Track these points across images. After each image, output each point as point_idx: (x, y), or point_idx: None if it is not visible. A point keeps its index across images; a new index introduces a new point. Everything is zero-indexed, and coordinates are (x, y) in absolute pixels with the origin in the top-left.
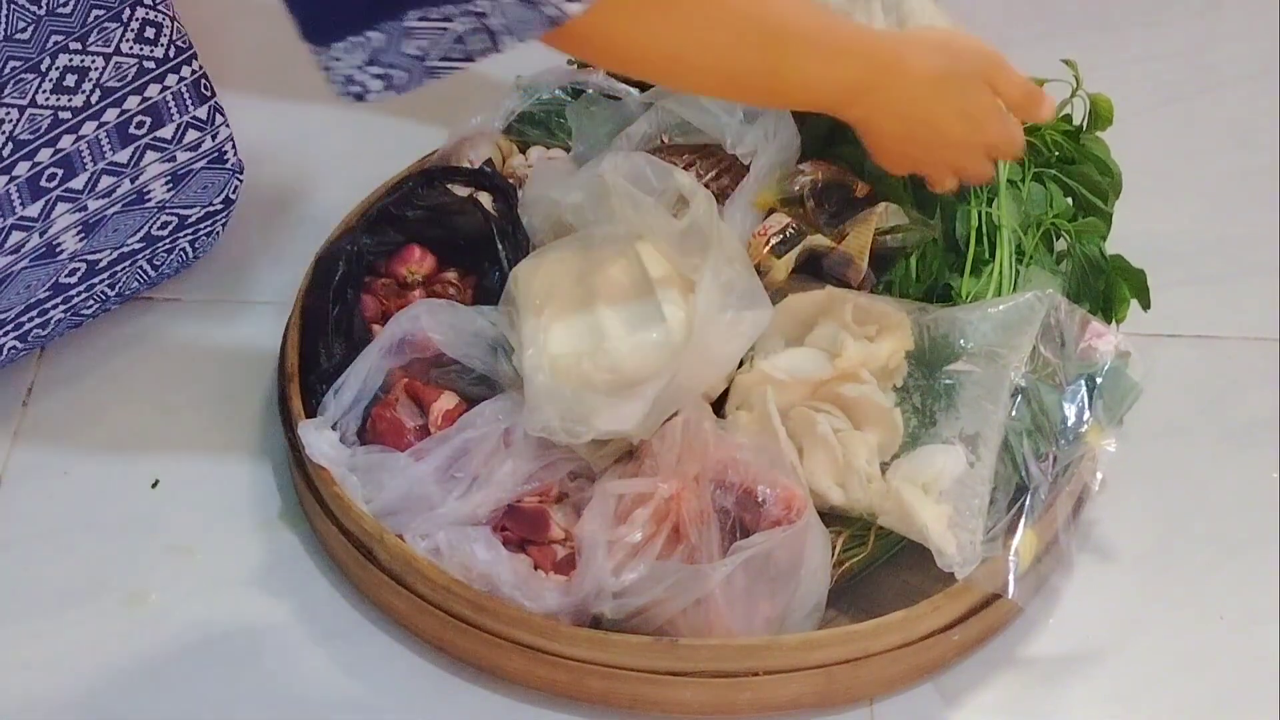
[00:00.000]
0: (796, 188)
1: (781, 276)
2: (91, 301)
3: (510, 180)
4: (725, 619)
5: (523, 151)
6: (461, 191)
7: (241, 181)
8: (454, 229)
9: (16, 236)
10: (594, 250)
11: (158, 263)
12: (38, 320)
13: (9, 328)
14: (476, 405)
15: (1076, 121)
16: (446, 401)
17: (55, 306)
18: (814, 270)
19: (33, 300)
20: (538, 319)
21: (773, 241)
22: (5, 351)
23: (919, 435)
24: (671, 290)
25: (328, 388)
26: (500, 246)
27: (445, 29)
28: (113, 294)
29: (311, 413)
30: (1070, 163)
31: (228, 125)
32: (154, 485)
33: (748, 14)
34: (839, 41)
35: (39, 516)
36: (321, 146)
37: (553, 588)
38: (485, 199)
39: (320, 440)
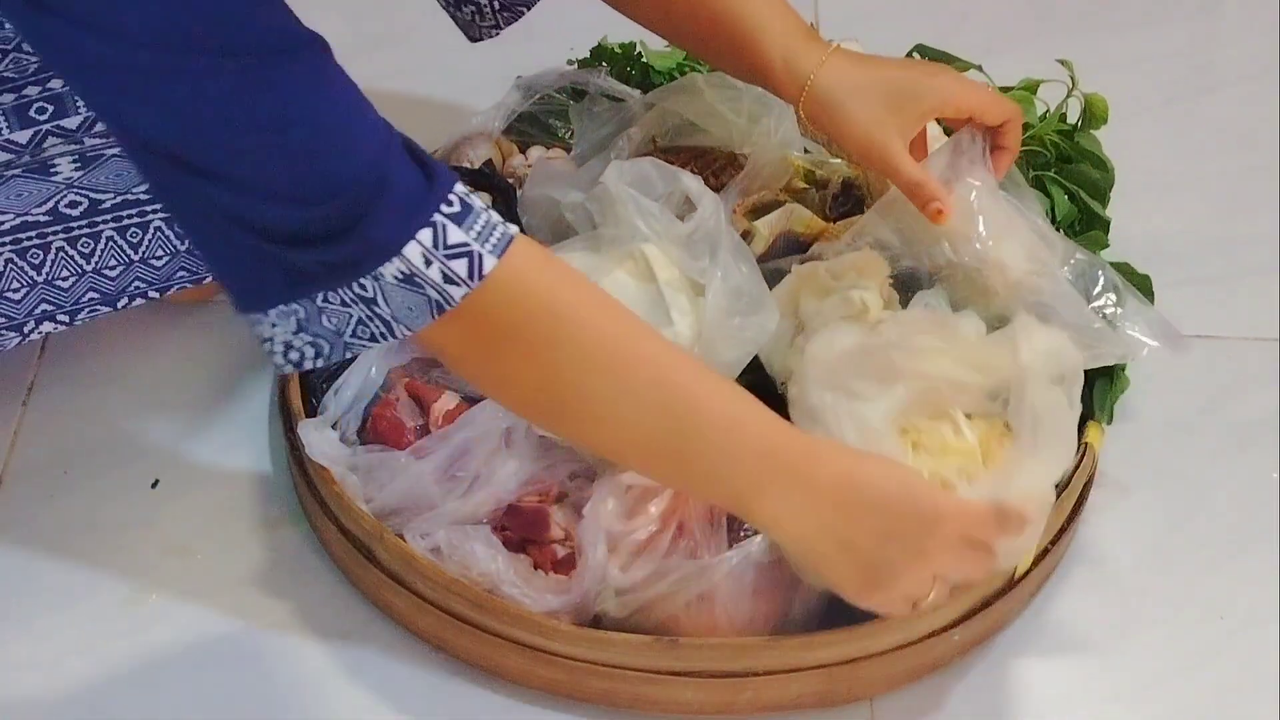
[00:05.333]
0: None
1: (762, 247)
2: (103, 251)
3: (510, 180)
4: (728, 615)
5: (523, 151)
6: None
7: None
8: None
9: (2, 156)
10: (601, 252)
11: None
12: (37, 242)
13: (5, 239)
14: (477, 404)
15: (1072, 120)
16: (447, 401)
17: (56, 234)
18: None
19: (30, 218)
20: None
21: (749, 207)
22: (1, 263)
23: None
24: (679, 294)
25: (328, 387)
26: None
27: (349, 312)
28: (135, 256)
29: (311, 412)
30: (1068, 161)
31: None
32: (154, 485)
33: (655, 363)
34: (745, 433)
35: (39, 516)
36: None
37: (553, 587)
38: (485, 199)
39: (320, 440)
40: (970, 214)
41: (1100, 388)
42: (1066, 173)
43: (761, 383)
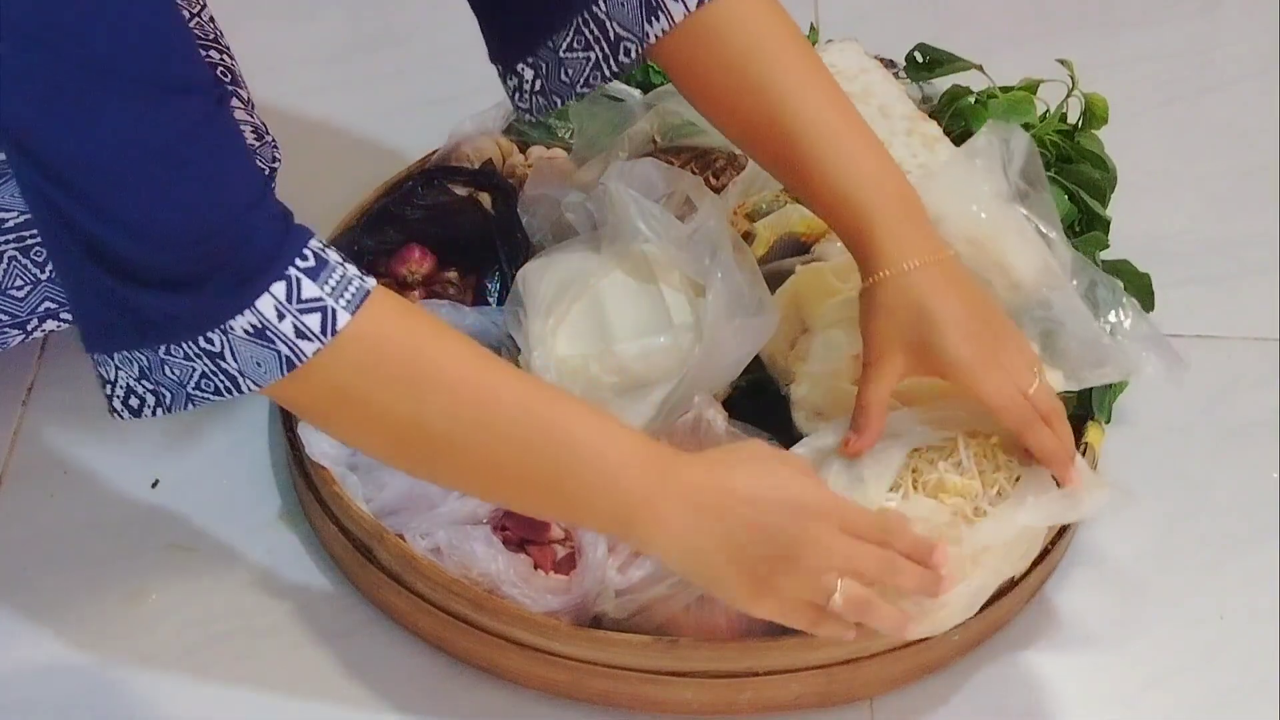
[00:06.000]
0: None
1: (763, 249)
2: None
3: (510, 180)
4: (728, 616)
5: (523, 151)
6: (461, 191)
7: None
8: (454, 229)
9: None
10: (602, 252)
11: None
12: (40, 240)
13: (9, 236)
14: None
15: (1072, 120)
16: None
17: None
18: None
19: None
20: (545, 320)
21: (750, 209)
22: (5, 260)
23: None
24: (679, 294)
25: None
26: (500, 246)
27: (192, 366)
28: None
29: None
30: (1068, 161)
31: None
32: (154, 485)
33: (518, 400)
34: (617, 460)
35: (39, 516)
36: (321, 146)
37: (553, 587)
38: (485, 199)
39: (320, 439)
40: (979, 221)
41: (1099, 388)
42: (1067, 173)
43: (762, 383)
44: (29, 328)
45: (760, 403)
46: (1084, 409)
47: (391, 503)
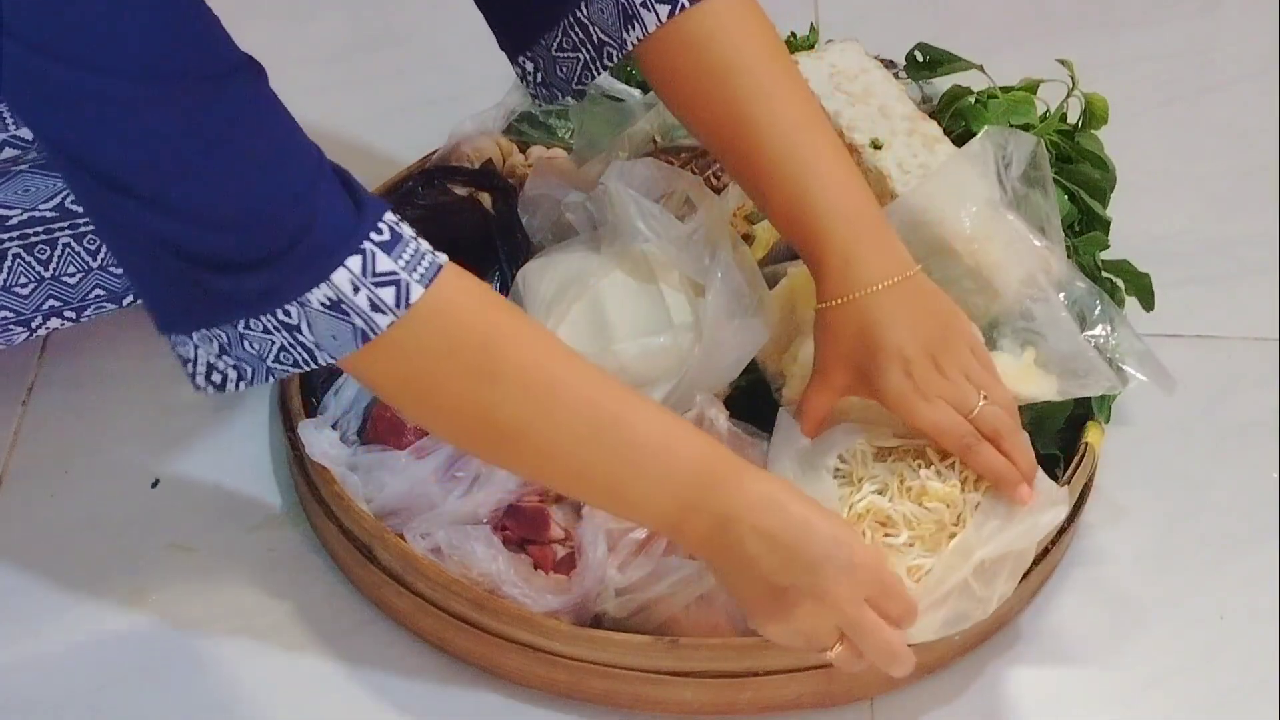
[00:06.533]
0: None
1: (762, 251)
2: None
3: (510, 180)
4: (728, 615)
5: (523, 151)
6: (461, 191)
7: None
8: (454, 229)
9: (9, 152)
10: (602, 252)
11: None
12: (44, 238)
13: (13, 234)
14: None
15: (1072, 120)
16: None
17: (63, 231)
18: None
19: (37, 214)
20: (545, 320)
21: (750, 210)
22: (10, 258)
23: None
24: (679, 294)
25: (328, 387)
26: (500, 246)
27: (271, 339)
28: None
29: (312, 412)
30: (1068, 161)
31: None
32: (154, 485)
33: (585, 392)
34: (676, 457)
35: (39, 516)
36: (321, 146)
37: (553, 587)
38: (485, 199)
39: (320, 439)
40: (965, 228)
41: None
42: (1067, 173)
43: (762, 383)
44: (33, 325)
45: (759, 403)
46: (1084, 409)
47: (391, 503)
